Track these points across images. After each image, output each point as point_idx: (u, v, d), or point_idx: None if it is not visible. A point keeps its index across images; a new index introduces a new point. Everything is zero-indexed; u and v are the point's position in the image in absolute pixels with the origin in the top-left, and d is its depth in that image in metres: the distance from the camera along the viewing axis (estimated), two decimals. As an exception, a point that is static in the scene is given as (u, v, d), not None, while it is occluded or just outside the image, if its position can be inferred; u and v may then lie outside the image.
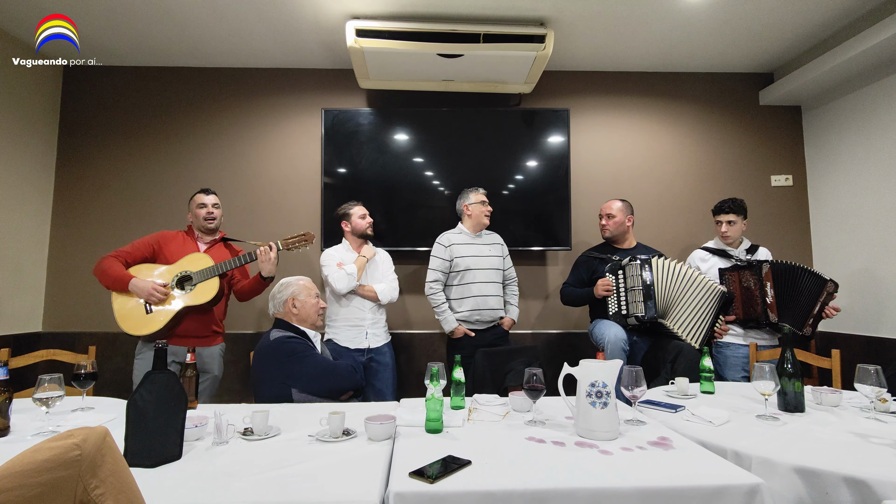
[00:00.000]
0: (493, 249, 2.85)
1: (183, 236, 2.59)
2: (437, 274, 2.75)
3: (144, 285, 2.33)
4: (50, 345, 3.02)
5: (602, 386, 1.42)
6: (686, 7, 2.78)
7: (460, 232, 2.85)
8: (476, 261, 2.76)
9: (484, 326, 2.78)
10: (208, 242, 2.61)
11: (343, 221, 2.84)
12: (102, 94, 3.47)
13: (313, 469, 1.19)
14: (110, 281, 2.35)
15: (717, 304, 2.56)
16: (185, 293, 2.41)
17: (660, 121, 3.62)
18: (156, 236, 2.54)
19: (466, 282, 2.74)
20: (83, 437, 0.74)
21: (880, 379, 1.56)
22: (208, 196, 2.62)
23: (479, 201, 2.82)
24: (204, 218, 2.57)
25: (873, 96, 3.08)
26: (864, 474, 1.14)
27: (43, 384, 1.46)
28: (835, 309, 2.60)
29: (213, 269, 2.45)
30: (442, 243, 2.78)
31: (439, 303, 2.73)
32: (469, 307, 2.72)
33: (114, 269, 2.36)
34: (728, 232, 2.80)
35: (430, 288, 2.76)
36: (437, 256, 2.77)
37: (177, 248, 2.50)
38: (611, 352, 2.47)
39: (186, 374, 1.75)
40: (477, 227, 2.84)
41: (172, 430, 1.27)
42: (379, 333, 2.77)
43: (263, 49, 3.27)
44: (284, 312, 2.09)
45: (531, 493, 1.08)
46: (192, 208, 2.61)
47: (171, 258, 2.47)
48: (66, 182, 3.40)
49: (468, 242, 2.80)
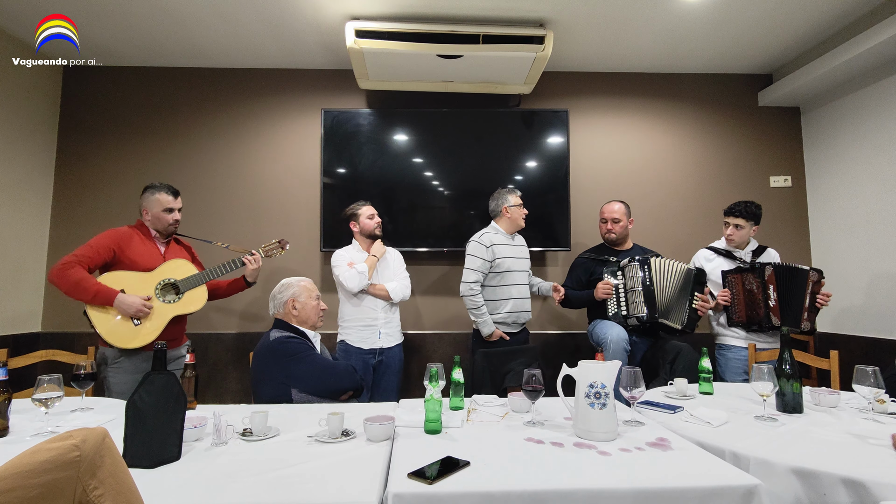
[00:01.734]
0: (524, 251, 2.84)
1: (139, 236, 2.39)
2: (477, 275, 2.64)
3: (132, 302, 2.19)
4: (49, 345, 3.02)
5: (601, 387, 1.42)
6: (685, 8, 2.79)
7: (497, 232, 2.76)
8: (515, 262, 2.72)
9: (518, 329, 2.74)
10: (164, 242, 2.47)
11: (351, 222, 2.81)
12: (102, 94, 3.47)
13: (312, 470, 1.19)
14: (89, 296, 2.15)
15: (689, 282, 2.60)
16: (173, 303, 2.33)
17: (659, 122, 3.62)
18: (113, 237, 2.31)
19: (507, 283, 2.68)
20: (82, 438, 0.74)
21: (878, 380, 1.56)
22: (176, 200, 2.43)
23: (518, 204, 2.77)
24: (169, 224, 2.41)
25: (872, 97, 3.08)
26: (862, 475, 1.15)
27: (42, 385, 1.46)
28: (826, 295, 2.57)
29: (200, 277, 2.40)
30: (483, 243, 2.66)
31: (479, 304, 2.62)
32: (509, 309, 2.67)
33: (90, 283, 2.16)
34: (733, 235, 2.76)
35: (471, 289, 2.62)
36: (478, 256, 2.65)
37: (139, 251, 2.34)
38: (613, 352, 2.46)
39: (185, 375, 1.75)
40: (514, 228, 2.80)
41: (171, 430, 1.27)
42: (392, 333, 2.74)
43: (263, 49, 3.28)
44: (284, 313, 2.09)
45: (529, 494, 1.08)
46: (153, 208, 2.38)
47: (137, 262, 2.31)
48: (65, 182, 3.40)
49: (507, 243, 2.74)
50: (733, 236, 2.76)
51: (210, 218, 3.38)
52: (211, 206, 3.40)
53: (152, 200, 2.39)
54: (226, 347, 3.32)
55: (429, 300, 3.45)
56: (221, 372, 3.30)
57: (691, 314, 2.58)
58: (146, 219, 2.41)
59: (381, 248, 2.79)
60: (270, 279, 3.36)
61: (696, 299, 2.60)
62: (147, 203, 2.40)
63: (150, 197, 2.40)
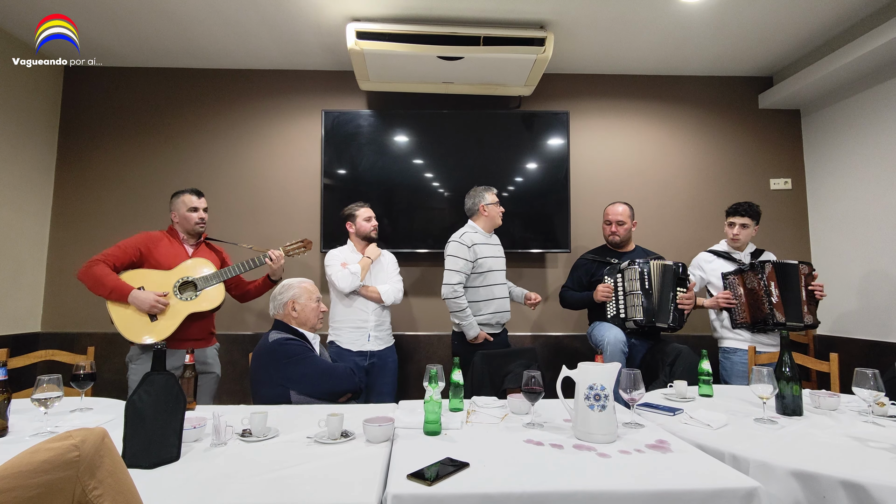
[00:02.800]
0: (502, 251, 2.82)
1: (168, 239, 2.49)
2: (460, 276, 2.57)
3: (146, 297, 2.27)
4: (49, 345, 3.02)
5: (600, 389, 1.42)
6: (685, 10, 2.79)
7: (476, 231, 2.71)
8: (496, 262, 2.71)
9: (499, 330, 2.73)
10: (193, 244, 2.54)
11: (348, 222, 2.80)
12: (103, 94, 3.47)
13: (311, 471, 1.19)
14: (106, 291, 2.26)
15: (672, 279, 2.57)
16: (191, 300, 2.38)
17: (659, 124, 3.63)
18: (142, 239, 2.43)
19: (489, 283, 2.65)
20: (81, 438, 0.74)
21: (878, 383, 1.56)
22: (200, 199, 2.52)
23: (494, 202, 2.74)
24: (195, 223, 2.49)
25: (872, 100, 3.09)
26: (862, 478, 1.14)
27: (41, 385, 1.46)
28: (820, 286, 2.60)
29: (218, 275, 2.43)
30: (464, 243, 2.61)
31: (463, 307, 2.56)
32: (493, 309, 2.64)
33: (109, 279, 2.26)
34: (739, 235, 2.75)
35: (455, 291, 2.56)
36: (461, 257, 2.59)
37: (165, 252, 2.43)
38: (610, 354, 2.47)
39: (185, 376, 1.75)
40: (492, 226, 2.76)
41: (171, 431, 1.27)
42: (382, 336, 2.73)
43: (264, 50, 3.28)
44: (284, 315, 2.09)
45: (529, 496, 1.08)
46: (180, 210, 2.49)
47: (161, 262, 2.40)
48: (65, 182, 3.41)
49: (486, 242, 2.70)
50: (740, 235, 2.76)
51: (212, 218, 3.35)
52: (212, 206, 3.37)
53: (178, 202, 2.51)
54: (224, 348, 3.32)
55: (428, 301, 3.45)
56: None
57: (675, 312, 2.56)
58: (175, 222, 2.53)
59: (375, 250, 2.79)
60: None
61: (678, 296, 2.57)
62: (174, 206, 2.52)
63: (176, 200, 2.52)
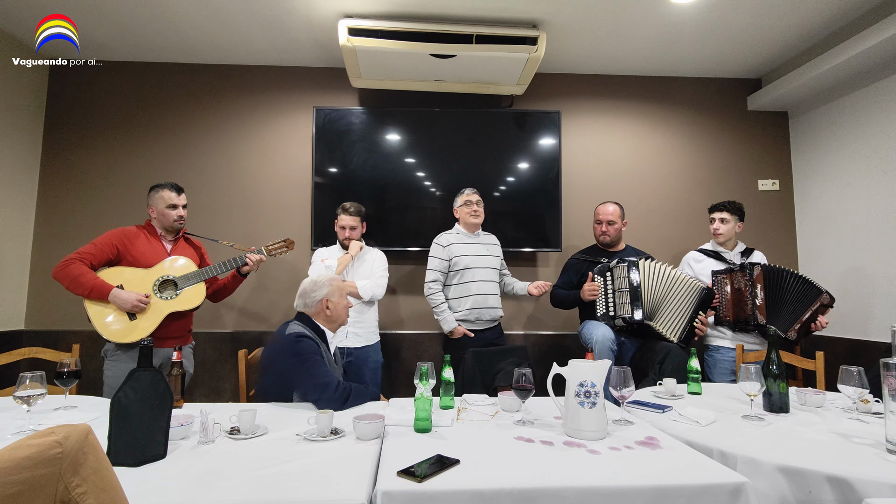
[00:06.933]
0: (491, 249, 2.86)
1: (146, 235, 2.42)
2: (435, 274, 2.74)
3: (128, 297, 2.22)
4: (32, 343, 2.97)
5: (591, 386, 1.43)
6: (676, 12, 2.81)
7: (457, 232, 2.85)
8: (475, 259, 2.76)
9: (483, 326, 2.76)
10: (171, 241, 2.48)
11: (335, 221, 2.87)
12: (89, 89, 3.41)
13: (300, 468, 1.18)
14: (85, 290, 2.20)
15: (697, 299, 2.59)
16: (171, 299, 2.33)
17: (649, 124, 3.65)
18: (117, 235, 2.35)
19: (466, 281, 2.74)
20: (65, 435, 0.72)
21: (863, 380, 1.59)
22: (180, 196, 2.45)
23: (462, 203, 2.83)
24: (174, 220, 2.43)
25: (859, 102, 3.13)
26: (847, 473, 1.16)
27: (24, 382, 1.43)
28: (825, 323, 2.57)
29: (198, 274, 2.39)
30: (440, 243, 2.78)
31: (438, 303, 2.72)
32: (469, 306, 2.71)
33: (87, 278, 2.20)
34: (720, 229, 2.84)
35: (430, 288, 2.74)
36: (436, 256, 2.76)
37: (143, 249, 2.37)
38: (599, 352, 2.48)
39: (172, 373, 1.73)
40: (470, 227, 2.84)
41: (157, 428, 1.25)
42: (361, 333, 2.72)
43: (255, 46, 3.25)
44: (315, 312, 2.03)
45: (519, 492, 1.08)
46: (158, 205, 2.42)
47: (139, 259, 2.34)
48: (51, 179, 3.34)
49: (466, 242, 2.80)
50: (720, 229, 2.84)
51: (200, 215, 3.34)
52: (201, 203, 3.36)
53: (157, 198, 2.43)
54: (214, 347, 3.28)
55: (419, 300, 3.43)
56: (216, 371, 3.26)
57: (687, 327, 2.58)
58: (153, 217, 2.46)
59: (357, 246, 2.78)
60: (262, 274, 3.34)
61: (699, 319, 2.61)
62: (152, 201, 2.44)
63: (154, 195, 2.44)
